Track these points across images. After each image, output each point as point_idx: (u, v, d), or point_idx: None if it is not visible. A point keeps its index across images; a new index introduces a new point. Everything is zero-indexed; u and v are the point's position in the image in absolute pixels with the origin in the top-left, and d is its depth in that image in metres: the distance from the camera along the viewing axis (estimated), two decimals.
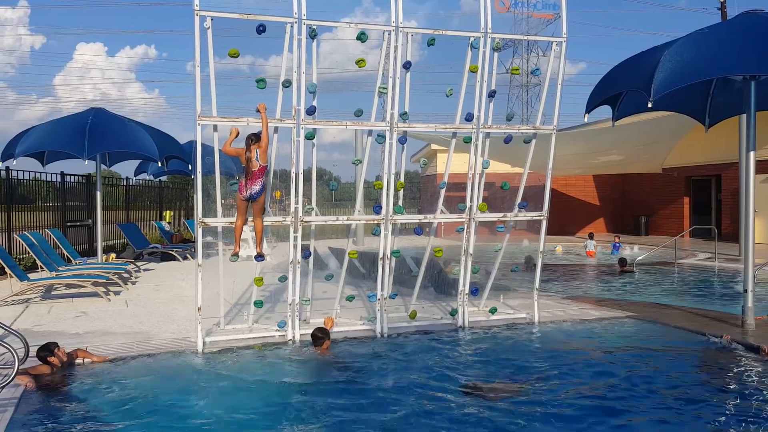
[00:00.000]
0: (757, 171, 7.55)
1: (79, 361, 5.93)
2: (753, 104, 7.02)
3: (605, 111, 8.31)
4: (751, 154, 7.07)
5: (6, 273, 9.37)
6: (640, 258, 14.74)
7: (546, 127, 7.54)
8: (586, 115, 7.69)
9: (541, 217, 7.62)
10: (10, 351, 5.05)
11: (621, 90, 7.58)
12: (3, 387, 4.53)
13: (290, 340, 6.71)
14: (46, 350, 5.72)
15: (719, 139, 14.25)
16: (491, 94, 7.22)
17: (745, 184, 7.31)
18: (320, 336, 6.39)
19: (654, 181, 23.72)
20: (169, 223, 21.98)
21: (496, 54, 7.21)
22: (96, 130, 11.17)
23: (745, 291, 7.15)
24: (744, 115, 7.41)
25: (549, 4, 7.36)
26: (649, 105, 6.41)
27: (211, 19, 6.24)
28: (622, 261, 13.87)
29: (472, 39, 7.04)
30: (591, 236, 18.09)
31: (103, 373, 5.67)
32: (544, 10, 7.41)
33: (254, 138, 6.35)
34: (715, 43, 6.72)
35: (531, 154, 7.55)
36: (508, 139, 7.57)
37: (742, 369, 5.87)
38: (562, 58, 7.36)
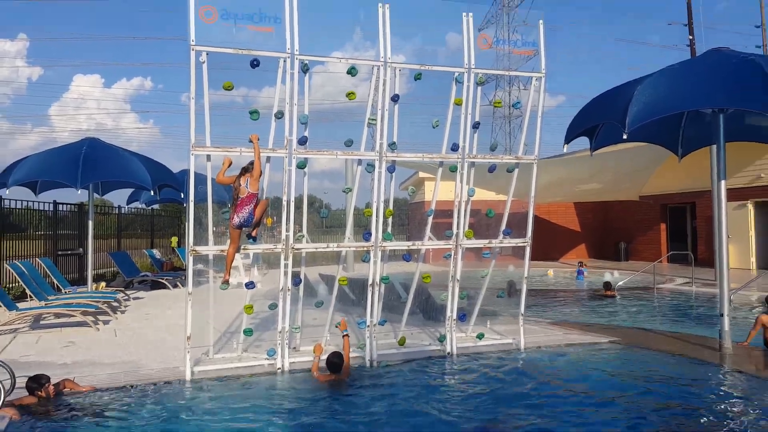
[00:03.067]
0: (729, 199, 7.85)
1: (66, 391, 5.87)
2: (722, 136, 7.31)
3: (584, 141, 8.64)
4: (722, 182, 7.35)
5: None
6: (620, 283, 15.07)
7: (528, 156, 7.83)
8: (566, 145, 8.00)
9: (525, 244, 7.85)
10: None
11: (598, 122, 7.86)
12: None
13: (279, 369, 6.71)
14: (36, 382, 5.65)
15: (692, 168, 14.73)
16: (475, 126, 7.50)
17: (718, 212, 7.60)
18: (338, 363, 6.39)
19: (632, 209, 24.26)
20: (173, 248, 21.87)
21: (479, 88, 7.55)
22: (89, 160, 11.26)
23: (721, 315, 7.33)
24: (714, 146, 7.73)
25: (528, 42, 7.75)
26: (624, 137, 6.69)
27: (207, 54, 6.41)
28: (607, 285, 14.24)
29: (456, 74, 7.35)
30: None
31: (90, 404, 5.58)
32: (524, 47, 7.79)
33: (249, 167, 6.51)
34: (686, 79, 7.05)
35: (514, 182, 7.81)
36: (492, 168, 7.84)
37: (730, 390, 6.00)
38: (542, 91, 7.70)
